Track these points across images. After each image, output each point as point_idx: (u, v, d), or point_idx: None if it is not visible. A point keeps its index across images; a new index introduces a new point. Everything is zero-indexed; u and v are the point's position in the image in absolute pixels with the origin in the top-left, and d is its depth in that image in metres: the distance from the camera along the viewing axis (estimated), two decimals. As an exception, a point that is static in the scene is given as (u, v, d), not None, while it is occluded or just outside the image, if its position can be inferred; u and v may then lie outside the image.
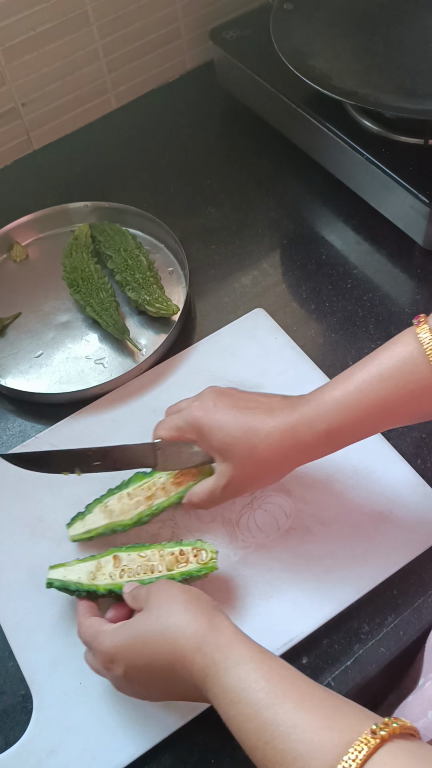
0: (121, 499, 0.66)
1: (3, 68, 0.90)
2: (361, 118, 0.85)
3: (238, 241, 0.89)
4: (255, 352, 0.78)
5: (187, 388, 0.75)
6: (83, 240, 0.86)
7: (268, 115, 0.96)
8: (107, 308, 0.81)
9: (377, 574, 0.64)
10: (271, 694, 0.46)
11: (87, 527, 0.65)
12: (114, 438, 0.72)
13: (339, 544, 0.65)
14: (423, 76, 0.80)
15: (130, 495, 0.66)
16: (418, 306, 0.81)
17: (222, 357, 0.78)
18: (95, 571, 0.62)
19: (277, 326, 0.80)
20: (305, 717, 0.44)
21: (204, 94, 1.05)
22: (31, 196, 0.94)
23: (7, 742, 0.60)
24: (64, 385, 0.79)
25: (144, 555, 0.63)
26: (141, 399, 0.76)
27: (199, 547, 0.62)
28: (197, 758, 0.58)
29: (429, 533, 0.65)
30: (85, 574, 0.62)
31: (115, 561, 0.62)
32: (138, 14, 0.97)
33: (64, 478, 0.69)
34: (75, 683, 0.61)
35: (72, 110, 1.01)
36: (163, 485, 0.65)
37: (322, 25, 0.86)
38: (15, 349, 0.82)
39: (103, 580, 0.61)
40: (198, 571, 0.61)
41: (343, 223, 0.89)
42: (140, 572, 0.61)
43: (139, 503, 0.65)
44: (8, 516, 0.70)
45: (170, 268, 0.87)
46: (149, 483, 0.66)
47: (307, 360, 0.77)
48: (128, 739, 0.58)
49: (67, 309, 0.85)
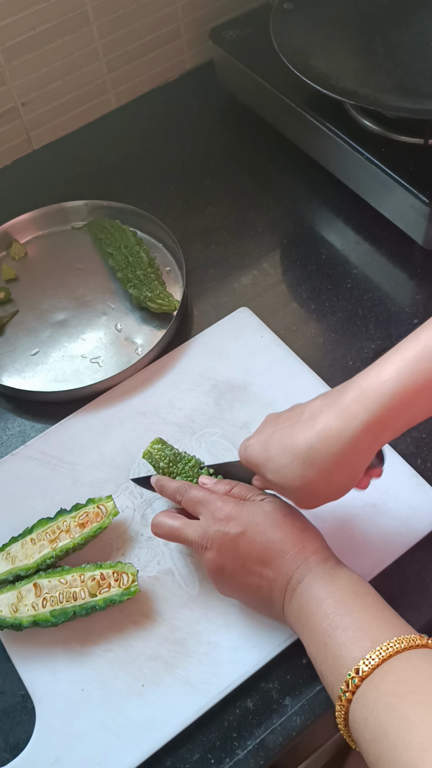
0: (24, 545, 0.65)
1: (3, 68, 0.90)
2: (361, 118, 0.85)
3: (237, 241, 0.89)
4: (241, 351, 0.78)
5: (176, 390, 0.76)
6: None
7: (268, 115, 0.96)
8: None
9: (374, 565, 0.64)
10: (338, 607, 0.53)
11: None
12: (105, 444, 0.72)
13: (334, 538, 0.65)
14: (423, 76, 0.80)
15: (33, 540, 0.65)
16: (418, 306, 0.81)
17: (209, 357, 0.78)
18: (17, 603, 0.62)
19: (263, 324, 0.80)
20: (362, 619, 0.52)
21: (204, 94, 1.05)
22: (31, 196, 0.94)
23: (7, 742, 0.60)
24: (60, 383, 0.79)
25: (65, 581, 0.62)
26: (130, 402, 0.76)
27: (119, 570, 0.62)
28: (197, 758, 0.58)
29: (423, 523, 0.66)
30: (6, 607, 0.61)
31: (36, 590, 0.62)
32: (138, 14, 0.97)
33: (56, 487, 0.70)
34: (77, 690, 0.61)
35: (72, 110, 1.01)
36: (67, 527, 0.65)
37: (322, 25, 0.86)
38: (12, 346, 0.82)
39: (26, 612, 0.61)
40: (120, 597, 0.61)
41: (343, 223, 0.89)
42: (63, 600, 0.61)
43: (42, 547, 0.64)
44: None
45: (168, 267, 0.86)
46: (53, 527, 0.65)
47: (294, 357, 0.77)
48: (133, 743, 0.58)
49: (64, 307, 0.85)
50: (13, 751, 0.60)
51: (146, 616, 0.63)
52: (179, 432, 0.73)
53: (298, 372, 0.76)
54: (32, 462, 0.72)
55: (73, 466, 0.72)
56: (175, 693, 0.60)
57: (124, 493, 0.70)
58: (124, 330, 0.82)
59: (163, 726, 0.59)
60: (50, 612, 0.61)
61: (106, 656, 0.62)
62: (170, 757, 0.58)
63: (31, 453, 0.73)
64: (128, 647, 0.62)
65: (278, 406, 0.73)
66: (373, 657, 0.49)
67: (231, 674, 0.60)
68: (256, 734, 0.59)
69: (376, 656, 0.49)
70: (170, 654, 0.61)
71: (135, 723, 0.59)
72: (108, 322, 0.83)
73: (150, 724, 0.59)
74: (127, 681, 0.60)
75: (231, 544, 0.58)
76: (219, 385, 0.76)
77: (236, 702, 0.60)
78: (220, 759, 0.58)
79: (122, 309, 0.84)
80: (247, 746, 0.58)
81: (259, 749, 0.58)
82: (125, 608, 0.63)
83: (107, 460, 0.72)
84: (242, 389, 0.75)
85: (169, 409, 0.74)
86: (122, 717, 0.59)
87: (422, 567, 0.65)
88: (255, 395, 0.75)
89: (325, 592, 0.54)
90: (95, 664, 0.62)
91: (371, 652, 0.49)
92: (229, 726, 0.59)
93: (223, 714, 0.60)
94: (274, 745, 0.58)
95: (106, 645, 0.62)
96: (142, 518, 0.68)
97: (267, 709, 0.60)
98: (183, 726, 0.58)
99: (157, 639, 0.62)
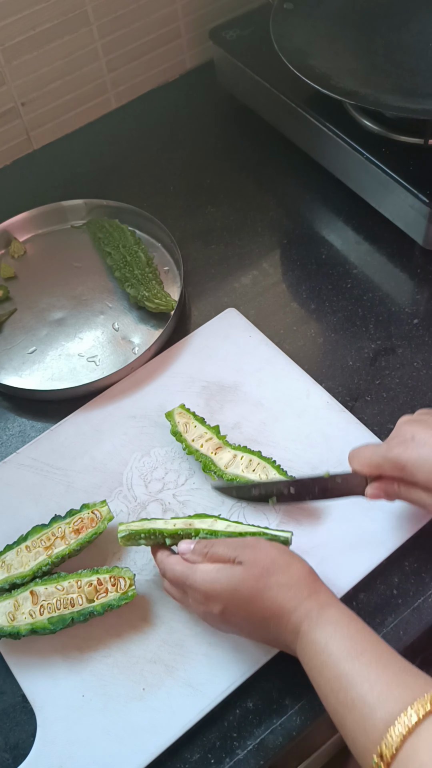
0: (19, 552, 0.65)
1: (3, 68, 0.90)
2: (361, 118, 0.85)
3: (237, 240, 0.89)
4: (230, 351, 0.78)
5: (166, 393, 0.76)
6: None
7: (268, 115, 0.96)
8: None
9: (370, 561, 0.64)
10: (351, 650, 0.51)
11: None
12: (97, 448, 0.72)
13: (330, 535, 0.66)
14: (423, 76, 0.80)
15: (28, 548, 0.65)
16: (418, 306, 0.81)
17: (198, 359, 0.78)
18: (14, 611, 0.61)
19: (251, 324, 0.80)
20: (378, 672, 0.50)
21: (204, 94, 1.05)
22: (31, 196, 0.94)
23: (7, 742, 0.60)
24: (56, 382, 0.79)
25: (62, 587, 0.62)
26: (120, 407, 0.75)
27: (116, 574, 0.62)
28: (197, 758, 0.58)
29: (417, 518, 0.66)
30: (3, 616, 0.61)
31: (33, 597, 0.61)
32: (138, 14, 0.97)
33: (49, 494, 0.70)
34: (77, 697, 0.60)
35: (72, 110, 1.01)
36: (62, 534, 0.65)
37: (322, 25, 0.86)
38: (9, 345, 0.82)
39: (24, 620, 0.61)
40: (118, 602, 0.61)
41: (343, 223, 0.89)
42: (60, 607, 0.61)
43: (38, 554, 0.64)
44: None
45: (166, 267, 0.86)
46: (48, 534, 0.65)
47: (283, 355, 0.77)
48: (136, 747, 0.58)
49: (62, 306, 0.85)
50: (13, 751, 0.60)
51: (144, 620, 0.63)
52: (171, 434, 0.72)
53: (287, 371, 0.76)
54: (24, 469, 0.72)
55: (65, 472, 0.72)
56: (177, 695, 0.60)
57: (118, 497, 0.70)
58: (121, 329, 0.82)
59: (165, 729, 0.58)
60: (48, 619, 0.60)
61: (105, 661, 0.62)
62: (170, 757, 0.58)
63: (23, 460, 0.73)
64: (128, 651, 0.62)
65: (269, 406, 0.73)
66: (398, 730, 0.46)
67: (232, 674, 0.60)
68: (256, 734, 0.59)
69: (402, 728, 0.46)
70: (170, 656, 0.61)
71: (137, 727, 0.59)
72: (105, 321, 0.83)
73: (152, 727, 0.59)
74: (128, 685, 0.60)
75: (220, 620, 0.57)
76: (209, 386, 0.76)
77: (236, 702, 0.60)
78: (220, 759, 0.58)
79: (120, 308, 0.84)
80: (247, 746, 0.58)
81: (259, 749, 0.58)
82: (123, 612, 0.63)
83: (99, 465, 0.72)
84: (232, 390, 0.75)
85: (160, 412, 0.74)
86: (124, 721, 0.59)
87: (422, 567, 0.65)
88: (245, 395, 0.75)
89: (333, 643, 0.53)
90: (95, 669, 0.61)
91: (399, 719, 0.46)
92: (229, 726, 0.59)
93: (224, 714, 0.60)
94: (274, 745, 0.58)
95: (106, 650, 0.62)
96: (137, 522, 0.68)
97: (267, 709, 0.60)
98: (185, 728, 0.58)
99: (156, 642, 0.62)
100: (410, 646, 0.62)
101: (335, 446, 0.70)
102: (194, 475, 0.70)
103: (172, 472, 0.71)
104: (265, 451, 0.70)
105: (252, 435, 0.72)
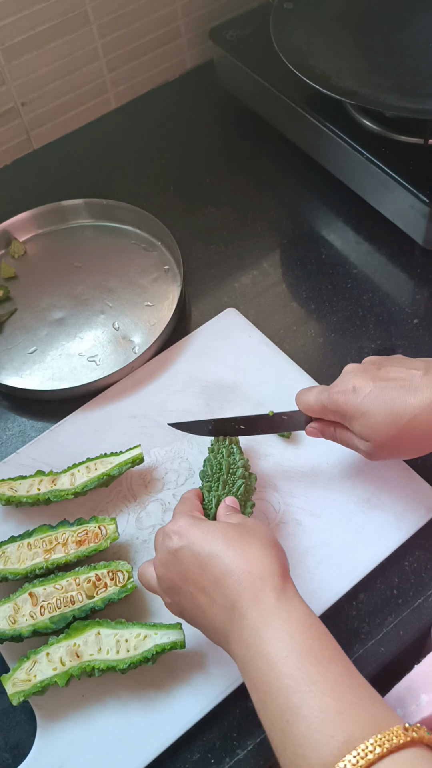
0: (20, 548, 0.65)
1: (3, 68, 0.90)
2: (361, 118, 0.85)
3: (237, 240, 0.89)
4: (230, 351, 0.78)
5: (166, 393, 0.76)
6: None
7: (268, 115, 0.96)
8: None
9: (369, 560, 0.64)
10: (300, 681, 0.45)
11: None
12: (97, 449, 0.72)
13: (330, 534, 0.66)
14: (423, 76, 0.80)
15: (30, 545, 0.65)
16: (418, 306, 0.81)
17: (198, 359, 0.78)
18: (14, 614, 0.61)
19: (251, 324, 0.80)
20: (329, 705, 0.44)
21: (204, 93, 1.05)
22: (31, 196, 0.94)
23: (7, 742, 0.60)
24: (56, 381, 0.79)
25: (60, 586, 0.62)
26: (120, 406, 0.75)
27: (113, 568, 0.62)
28: (197, 758, 0.58)
29: (417, 517, 0.66)
30: (3, 620, 0.61)
31: (32, 599, 0.61)
32: (138, 13, 0.97)
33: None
34: (77, 696, 0.60)
35: (72, 110, 1.01)
36: (65, 541, 0.64)
37: (322, 25, 0.86)
38: (10, 345, 0.82)
39: (25, 622, 0.60)
40: (118, 595, 0.61)
41: (343, 223, 0.89)
42: (60, 606, 0.61)
43: (36, 555, 0.64)
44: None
45: (166, 266, 0.86)
46: (51, 537, 0.65)
47: (282, 355, 0.77)
48: (136, 747, 0.58)
49: (62, 306, 0.85)
50: (13, 751, 0.60)
51: (143, 618, 0.63)
52: (170, 434, 0.72)
53: (286, 370, 0.76)
54: (24, 470, 0.72)
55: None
56: (177, 695, 0.60)
57: (118, 497, 0.70)
58: (121, 329, 0.82)
59: (165, 729, 0.58)
60: (50, 619, 0.60)
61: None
62: (170, 757, 0.58)
63: (23, 461, 0.73)
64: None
65: (268, 405, 0.73)
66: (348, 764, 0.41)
67: (232, 673, 0.60)
68: (256, 734, 0.59)
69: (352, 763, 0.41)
70: (170, 655, 0.61)
71: (137, 727, 0.59)
72: (105, 320, 0.83)
73: (152, 727, 0.58)
74: (128, 685, 0.60)
75: (173, 559, 0.54)
76: (209, 386, 0.76)
77: (236, 702, 0.60)
78: (220, 759, 0.58)
79: (120, 308, 0.84)
80: (247, 746, 0.58)
81: (259, 749, 0.58)
82: (123, 612, 0.63)
83: (99, 465, 0.72)
84: (232, 389, 0.75)
85: (160, 412, 0.74)
86: (124, 721, 0.59)
87: (422, 567, 0.65)
88: (245, 395, 0.75)
89: (277, 641, 0.47)
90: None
91: (346, 758, 0.41)
92: (229, 726, 0.59)
93: (223, 714, 0.60)
94: (274, 745, 0.58)
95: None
96: (137, 521, 0.68)
97: (267, 709, 0.60)
98: (185, 728, 0.58)
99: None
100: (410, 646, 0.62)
101: (335, 446, 0.69)
102: (194, 475, 0.70)
103: (172, 472, 0.71)
104: (265, 450, 0.70)
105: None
